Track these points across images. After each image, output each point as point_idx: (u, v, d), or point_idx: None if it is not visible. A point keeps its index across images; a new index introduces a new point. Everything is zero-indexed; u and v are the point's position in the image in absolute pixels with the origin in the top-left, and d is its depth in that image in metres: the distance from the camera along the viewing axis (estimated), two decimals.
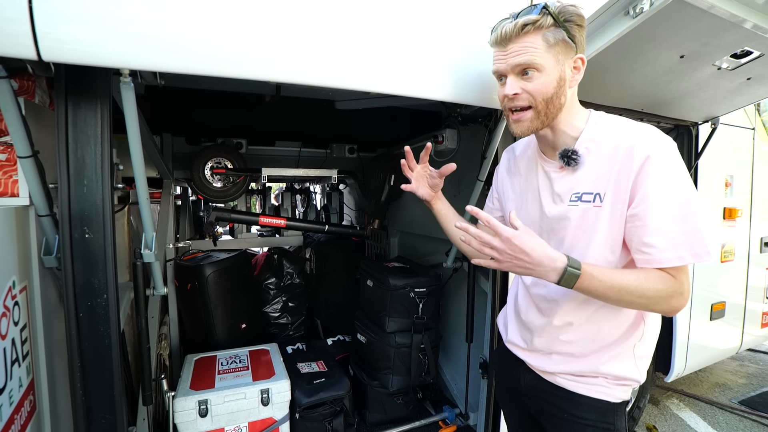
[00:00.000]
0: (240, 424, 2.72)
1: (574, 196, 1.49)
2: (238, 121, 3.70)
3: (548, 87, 1.42)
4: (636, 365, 1.56)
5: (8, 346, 1.38)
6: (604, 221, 1.42)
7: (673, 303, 1.36)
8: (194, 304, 3.74)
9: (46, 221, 1.61)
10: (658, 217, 1.32)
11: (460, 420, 3.36)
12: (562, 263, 1.34)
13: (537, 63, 1.40)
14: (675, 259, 1.31)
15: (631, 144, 1.35)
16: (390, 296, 3.30)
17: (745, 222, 4.20)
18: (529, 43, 1.40)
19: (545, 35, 1.38)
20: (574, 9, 1.40)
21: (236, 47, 1.52)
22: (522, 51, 1.41)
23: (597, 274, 1.35)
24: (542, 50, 1.39)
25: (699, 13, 1.77)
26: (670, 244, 1.31)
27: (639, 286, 1.35)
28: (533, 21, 1.37)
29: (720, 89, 2.61)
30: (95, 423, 1.67)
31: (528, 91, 1.44)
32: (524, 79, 1.44)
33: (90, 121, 1.56)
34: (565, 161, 1.48)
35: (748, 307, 4.33)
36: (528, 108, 1.47)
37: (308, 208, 6.03)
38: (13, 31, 1.24)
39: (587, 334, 1.57)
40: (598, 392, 1.56)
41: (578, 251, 1.49)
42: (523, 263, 1.34)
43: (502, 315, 2.01)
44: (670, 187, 1.31)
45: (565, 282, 1.34)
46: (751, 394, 4.79)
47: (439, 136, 3.41)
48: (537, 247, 1.33)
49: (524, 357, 1.75)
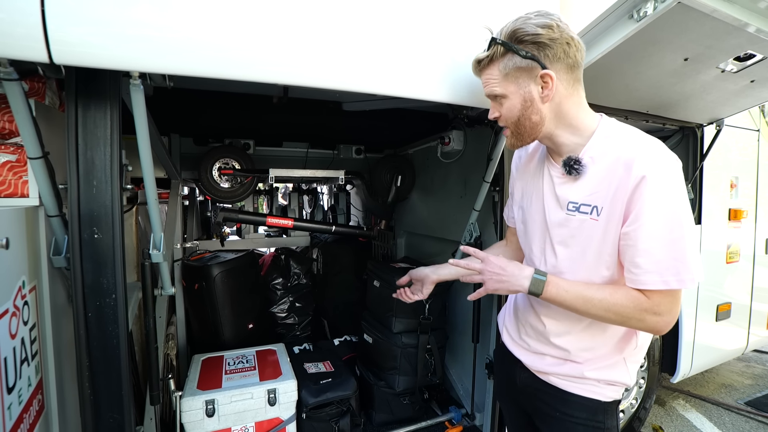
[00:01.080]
0: (247, 424, 2.73)
1: (571, 206, 1.50)
2: (246, 122, 3.71)
3: (513, 111, 1.52)
4: (627, 370, 1.61)
5: (18, 345, 1.39)
6: (599, 235, 1.44)
7: (649, 322, 1.39)
8: (201, 304, 3.75)
9: (55, 222, 1.62)
10: (647, 239, 1.33)
11: (466, 420, 3.35)
12: (530, 271, 1.49)
13: (498, 92, 1.52)
14: (659, 283, 1.33)
15: (630, 160, 1.35)
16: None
17: (750, 223, 4.19)
18: (488, 75, 1.53)
19: (500, 66, 1.48)
20: (530, 28, 1.40)
21: (244, 50, 1.54)
22: (486, 83, 1.56)
23: (563, 284, 1.45)
24: (499, 80, 1.50)
25: (702, 16, 1.78)
26: (655, 267, 1.33)
27: (603, 299, 1.39)
28: (485, 57, 1.52)
29: (724, 92, 2.61)
30: (103, 422, 1.68)
31: (501, 114, 1.58)
32: (497, 103, 1.58)
33: (99, 123, 1.57)
34: (566, 169, 1.50)
35: (754, 308, 4.32)
36: (506, 128, 1.61)
37: (315, 208, 6.04)
38: (26, 34, 1.25)
39: (581, 344, 1.60)
40: (589, 391, 1.60)
41: (571, 262, 1.55)
42: (499, 277, 1.52)
43: (502, 314, 2.04)
44: (664, 209, 1.31)
45: (534, 287, 1.46)
46: (758, 395, 4.77)
47: (445, 138, 3.42)
48: (509, 263, 1.54)
49: (519, 355, 1.80)
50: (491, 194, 2.86)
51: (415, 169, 4.56)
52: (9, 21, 1.24)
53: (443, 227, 3.92)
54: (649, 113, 2.95)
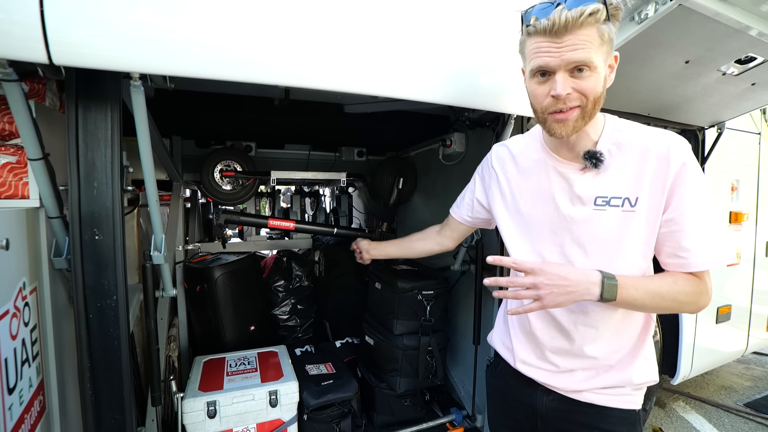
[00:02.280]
0: (248, 425, 2.73)
1: (600, 200, 1.44)
2: (248, 124, 3.71)
3: (599, 86, 1.32)
4: (650, 365, 1.58)
5: (19, 346, 1.39)
6: (638, 226, 1.40)
7: (701, 302, 1.42)
8: (203, 306, 3.75)
9: (56, 223, 1.62)
10: (695, 222, 1.34)
11: (467, 422, 3.34)
12: (598, 276, 1.35)
13: (593, 60, 1.27)
14: (709, 263, 1.36)
15: (665, 150, 1.35)
16: (398, 299, 3.30)
17: (751, 226, 4.20)
18: (586, 36, 1.25)
19: (600, 29, 1.26)
20: (618, 2, 1.28)
21: (246, 51, 1.54)
22: (581, 45, 1.25)
23: (632, 283, 1.36)
24: (597, 46, 1.27)
25: (703, 19, 1.78)
26: (705, 249, 1.35)
27: (671, 290, 1.38)
28: (596, 11, 1.23)
29: (725, 94, 2.62)
30: (104, 423, 1.68)
31: (580, 90, 1.31)
32: (576, 77, 1.31)
33: (100, 124, 1.57)
34: (592, 162, 1.42)
35: (754, 311, 4.34)
36: (576, 107, 1.34)
37: (317, 210, 6.03)
38: (25, 35, 1.26)
39: (610, 345, 1.54)
40: (627, 402, 1.55)
41: (606, 258, 1.45)
42: (563, 288, 1.34)
43: (498, 337, 1.89)
44: (703, 194, 1.35)
45: (608, 293, 1.33)
46: (757, 396, 4.79)
47: (447, 140, 3.42)
48: (569, 269, 1.38)
49: (545, 379, 1.64)
50: None
51: (417, 172, 4.56)
52: (8, 21, 1.24)
53: None
54: (650, 116, 2.95)
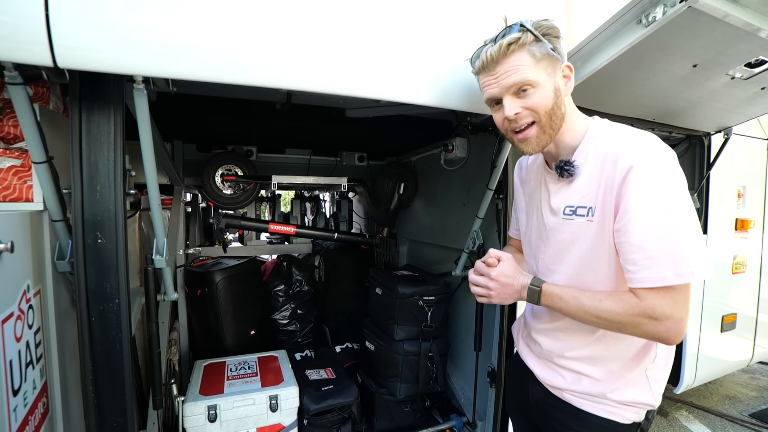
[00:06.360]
0: (249, 429, 2.73)
1: (568, 210, 1.47)
2: (249, 128, 3.72)
3: (547, 99, 1.40)
4: (650, 388, 1.50)
5: (23, 348, 1.39)
6: (596, 236, 1.40)
7: (647, 328, 1.29)
8: (204, 310, 3.76)
9: (59, 226, 1.61)
10: (640, 232, 1.26)
11: (467, 428, 3.33)
12: (527, 281, 1.50)
13: (530, 79, 1.38)
14: (656, 279, 1.24)
15: (616, 153, 1.32)
16: (398, 304, 3.30)
17: (757, 233, 4.18)
18: (517, 61, 1.38)
19: (530, 51, 1.38)
20: (548, 23, 1.40)
21: (248, 55, 1.53)
22: (513, 70, 1.39)
23: (558, 291, 1.43)
24: (531, 66, 1.38)
25: (713, 21, 1.76)
26: (651, 263, 1.25)
27: (594, 306, 1.35)
28: (516, 39, 1.36)
29: (733, 99, 2.60)
30: (106, 426, 1.68)
31: (529, 107, 1.41)
32: (522, 97, 1.42)
33: (103, 128, 1.57)
34: (558, 172, 1.47)
35: (760, 320, 4.30)
36: (531, 124, 1.44)
37: (318, 215, 6.04)
38: (30, 38, 1.25)
39: (594, 353, 1.52)
40: (606, 411, 1.51)
41: (575, 267, 1.48)
42: (510, 288, 1.53)
43: (517, 324, 1.99)
44: (654, 200, 1.25)
45: (530, 298, 1.48)
46: (762, 407, 4.73)
47: (449, 145, 3.41)
48: (516, 273, 1.53)
49: (534, 368, 1.71)
50: (495, 202, 2.86)
51: (418, 177, 4.56)
52: (13, 24, 1.24)
53: (446, 235, 3.92)
54: (655, 121, 2.94)
